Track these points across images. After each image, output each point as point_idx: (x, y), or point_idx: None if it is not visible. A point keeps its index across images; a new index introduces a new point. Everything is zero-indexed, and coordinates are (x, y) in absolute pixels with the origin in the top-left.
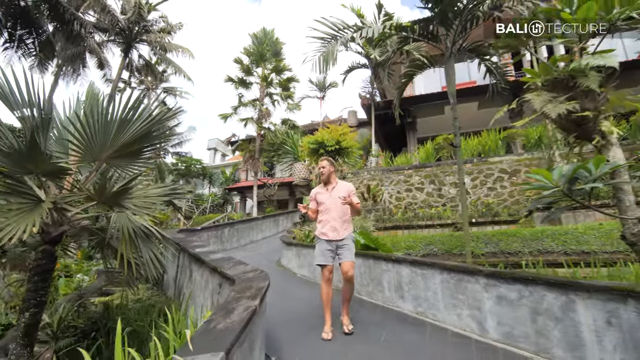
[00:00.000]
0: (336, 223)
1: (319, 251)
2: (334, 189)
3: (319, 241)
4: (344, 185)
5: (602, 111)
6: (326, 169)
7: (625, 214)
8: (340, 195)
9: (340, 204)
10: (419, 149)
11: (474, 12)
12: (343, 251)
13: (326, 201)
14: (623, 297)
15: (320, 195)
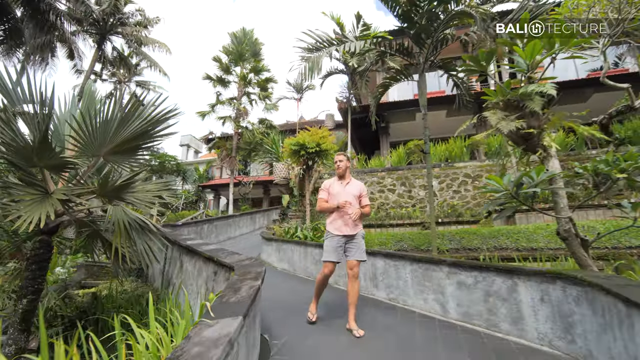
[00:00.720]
0: (348, 218)
1: (331, 247)
2: (348, 185)
3: (331, 236)
4: (357, 184)
5: (545, 129)
6: (343, 163)
7: (560, 214)
8: (354, 192)
9: (353, 200)
10: (391, 152)
11: (443, 35)
12: (353, 248)
13: (340, 194)
14: (553, 279)
15: (334, 188)
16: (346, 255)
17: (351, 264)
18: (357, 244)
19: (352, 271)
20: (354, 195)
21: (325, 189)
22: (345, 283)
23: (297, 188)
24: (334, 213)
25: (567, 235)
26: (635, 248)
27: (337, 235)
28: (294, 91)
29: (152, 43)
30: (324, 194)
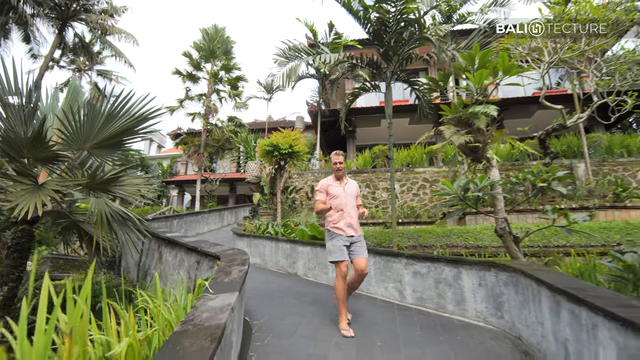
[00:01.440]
0: (352, 220)
1: (336, 247)
2: (346, 185)
3: (335, 236)
4: (353, 184)
5: (489, 143)
6: (342, 165)
7: (497, 215)
8: (352, 192)
9: (353, 201)
10: (357, 156)
11: (408, 54)
12: (358, 248)
13: (340, 196)
14: (489, 267)
15: (333, 188)
16: (352, 255)
17: (362, 264)
18: (361, 243)
19: (362, 272)
20: (353, 196)
21: (323, 190)
22: (315, 275)
23: (268, 187)
24: (336, 215)
25: (502, 232)
26: (562, 247)
27: (342, 235)
28: (264, 91)
29: (119, 33)
30: (322, 195)
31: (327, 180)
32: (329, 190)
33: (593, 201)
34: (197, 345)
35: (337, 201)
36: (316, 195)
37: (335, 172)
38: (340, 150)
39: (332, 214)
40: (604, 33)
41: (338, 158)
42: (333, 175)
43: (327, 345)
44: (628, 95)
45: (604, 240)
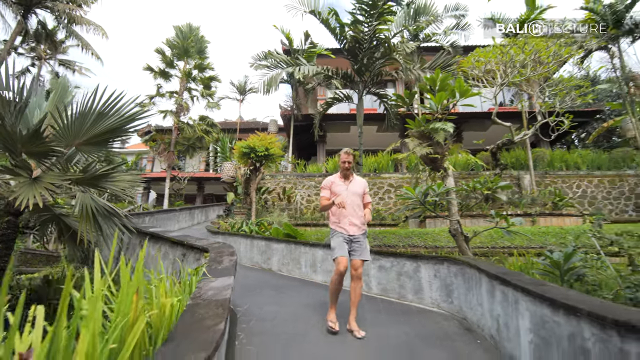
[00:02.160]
0: (354, 219)
1: (338, 243)
2: (351, 183)
3: (335, 234)
4: (360, 181)
5: (446, 155)
6: (351, 164)
7: (451, 218)
8: (357, 191)
9: (357, 200)
10: (328, 159)
11: (378, 71)
12: (358, 248)
13: (343, 194)
14: (442, 261)
15: (337, 187)
16: (351, 254)
17: (356, 264)
18: (362, 243)
19: (356, 272)
20: (358, 194)
21: (327, 188)
22: (289, 270)
23: (243, 187)
24: (338, 214)
25: (455, 232)
26: (507, 248)
27: (343, 233)
28: (237, 92)
29: (87, 24)
30: (326, 193)
31: (332, 178)
32: (332, 188)
33: (535, 209)
34: (212, 312)
35: (339, 199)
36: (321, 192)
37: (342, 171)
38: (349, 149)
39: (335, 211)
40: (546, 62)
41: (348, 157)
42: (339, 173)
43: (305, 326)
44: (565, 116)
45: (542, 243)
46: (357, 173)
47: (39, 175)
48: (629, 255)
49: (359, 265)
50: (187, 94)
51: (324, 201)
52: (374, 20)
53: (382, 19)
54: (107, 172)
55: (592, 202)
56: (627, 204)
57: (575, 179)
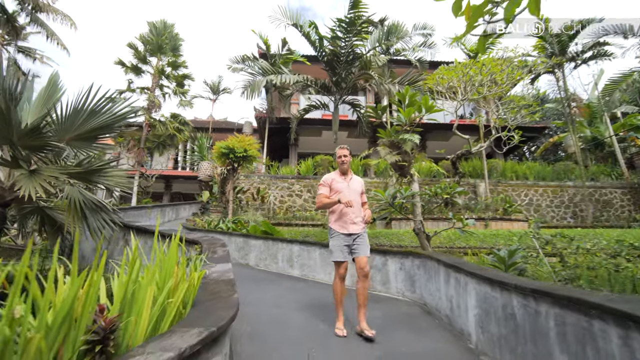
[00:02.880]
0: (356, 217)
1: (337, 246)
2: (351, 181)
3: (336, 235)
4: (358, 180)
5: (412, 162)
6: (347, 158)
7: (415, 218)
8: (357, 188)
9: (358, 197)
10: (301, 162)
11: (354, 83)
12: (359, 245)
13: (344, 191)
14: (407, 255)
15: (337, 183)
16: (354, 253)
17: (362, 262)
18: (364, 240)
19: (363, 270)
20: (358, 192)
21: (326, 184)
22: (267, 265)
23: (219, 186)
24: (338, 211)
25: (418, 231)
26: (462, 248)
27: (343, 233)
28: (210, 91)
29: (54, 12)
30: (325, 189)
31: (331, 175)
32: (333, 185)
33: (488, 213)
34: (224, 287)
35: (340, 197)
36: (319, 189)
37: (340, 167)
38: (345, 145)
39: (335, 209)
40: (500, 83)
41: (343, 152)
42: (338, 170)
43: (287, 310)
44: (516, 132)
45: (493, 244)
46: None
47: (36, 168)
48: (560, 253)
49: (365, 262)
50: (158, 91)
51: (323, 199)
52: (352, 36)
53: (359, 36)
54: (101, 167)
55: (537, 209)
56: (566, 212)
57: (524, 188)
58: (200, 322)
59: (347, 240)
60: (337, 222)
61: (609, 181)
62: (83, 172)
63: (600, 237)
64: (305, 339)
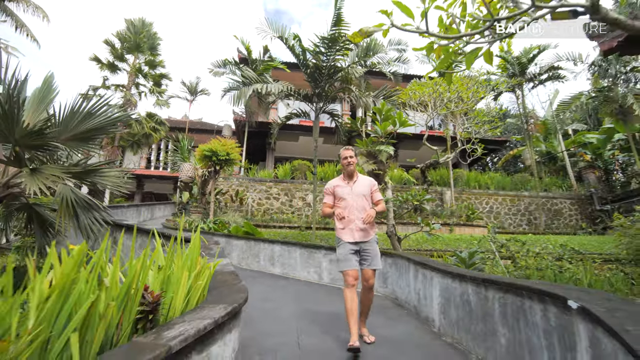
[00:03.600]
0: (360, 223)
1: (343, 255)
2: (355, 184)
3: (342, 244)
4: (365, 180)
5: (386, 171)
6: (353, 160)
7: (388, 222)
8: (363, 191)
9: (363, 202)
10: (279, 166)
11: (333, 95)
12: (368, 256)
13: (347, 197)
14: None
15: (340, 189)
16: (361, 263)
17: (367, 275)
18: (371, 250)
19: (368, 283)
20: (364, 195)
21: (329, 192)
22: (248, 264)
23: (199, 187)
24: (343, 220)
25: (391, 234)
26: (429, 250)
27: (349, 242)
28: (188, 92)
29: (26, 3)
30: (328, 199)
31: (335, 181)
32: (336, 191)
33: (453, 219)
34: (229, 277)
35: (343, 204)
36: (324, 198)
37: (346, 169)
38: (349, 146)
39: (339, 216)
40: (466, 100)
41: (348, 152)
42: (342, 175)
43: (275, 302)
44: (479, 145)
45: (456, 247)
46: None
47: (37, 167)
48: (513, 256)
49: (371, 275)
50: (134, 89)
51: (326, 209)
52: (334, 52)
53: (340, 52)
54: (98, 167)
55: (497, 216)
56: (522, 219)
57: (485, 197)
58: (221, 301)
59: (354, 248)
60: (343, 230)
61: (560, 192)
62: (82, 171)
63: (549, 242)
64: (294, 325)
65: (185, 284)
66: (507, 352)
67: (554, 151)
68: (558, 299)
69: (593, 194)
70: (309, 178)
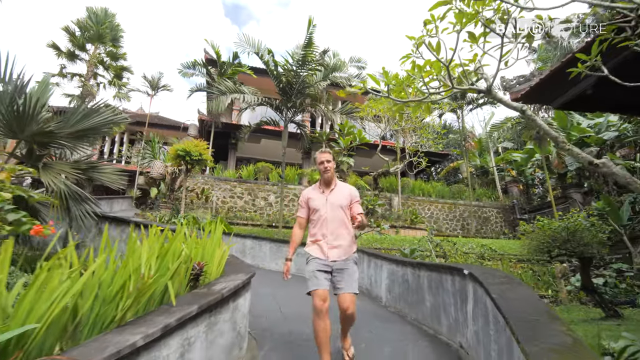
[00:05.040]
0: (336, 239)
1: (312, 273)
2: (332, 193)
3: (311, 260)
4: (344, 189)
5: (347, 179)
6: (331, 164)
7: None
8: (340, 202)
9: (341, 213)
10: (242, 167)
11: (302, 108)
12: (342, 277)
13: (320, 209)
14: None
15: (314, 201)
16: (335, 287)
17: (344, 302)
18: (347, 271)
19: (345, 313)
20: (341, 206)
21: (303, 204)
22: None
23: (169, 184)
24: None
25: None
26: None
27: (320, 259)
28: (149, 87)
29: None
30: (301, 212)
31: (308, 191)
32: (310, 203)
33: (399, 222)
34: (232, 259)
35: (316, 216)
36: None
37: (323, 175)
38: (326, 149)
39: (312, 228)
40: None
41: (325, 156)
42: (319, 182)
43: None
44: (423, 158)
45: (401, 246)
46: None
47: (47, 162)
48: (445, 253)
49: (349, 302)
50: (92, 80)
51: (295, 228)
52: (305, 71)
53: (310, 71)
54: (99, 164)
55: (436, 221)
56: (457, 224)
57: (427, 204)
58: (240, 272)
59: (325, 266)
60: (313, 245)
61: (489, 202)
62: (85, 167)
63: (475, 243)
64: (273, 301)
65: (218, 258)
66: (430, 312)
67: (486, 166)
68: (460, 271)
69: (515, 204)
70: (272, 179)
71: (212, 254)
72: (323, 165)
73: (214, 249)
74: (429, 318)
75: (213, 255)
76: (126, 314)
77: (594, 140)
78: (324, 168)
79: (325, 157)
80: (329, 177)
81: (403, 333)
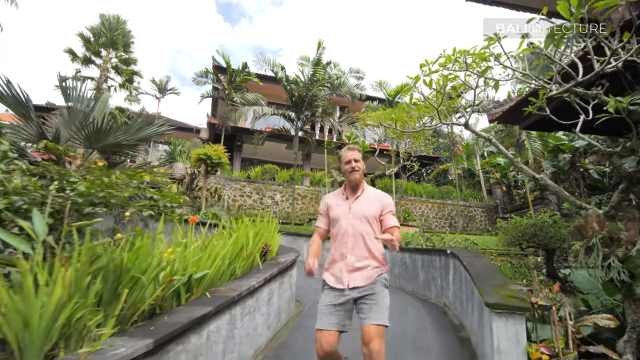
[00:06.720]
0: (357, 260)
1: (324, 306)
2: (357, 200)
3: (325, 289)
4: (373, 195)
5: None
6: (360, 164)
7: None
8: (367, 212)
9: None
10: (250, 168)
11: (312, 120)
12: (368, 306)
13: (341, 218)
14: None
15: (336, 209)
16: (360, 317)
17: (367, 334)
18: (373, 297)
19: (368, 347)
20: (367, 218)
21: (323, 213)
22: None
23: (188, 184)
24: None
25: None
26: None
27: (335, 288)
28: (157, 90)
29: None
30: (322, 221)
31: (329, 197)
32: (330, 212)
33: None
34: None
35: (336, 229)
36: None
37: (349, 176)
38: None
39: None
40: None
41: (353, 154)
42: (344, 186)
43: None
44: (415, 162)
45: None
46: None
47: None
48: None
49: (374, 335)
50: (105, 84)
51: (315, 237)
52: (315, 87)
53: (318, 88)
54: (155, 167)
55: (427, 219)
56: (445, 222)
57: (419, 203)
58: (289, 252)
59: (344, 297)
60: (330, 269)
61: (475, 202)
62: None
63: (461, 238)
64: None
65: (277, 242)
66: (422, 284)
67: (473, 169)
68: (445, 252)
69: (498, 204)
70: (277, 180)
71: (273, 237)
72: (350, 165)
73: (273, 235)
74: (422, 288)
75: (273, 239)
76: (237, 271)
77: (568, 147)
78: (351, 168)
79: (354, 156)
80: (356, 179)
81: (403, 300)
